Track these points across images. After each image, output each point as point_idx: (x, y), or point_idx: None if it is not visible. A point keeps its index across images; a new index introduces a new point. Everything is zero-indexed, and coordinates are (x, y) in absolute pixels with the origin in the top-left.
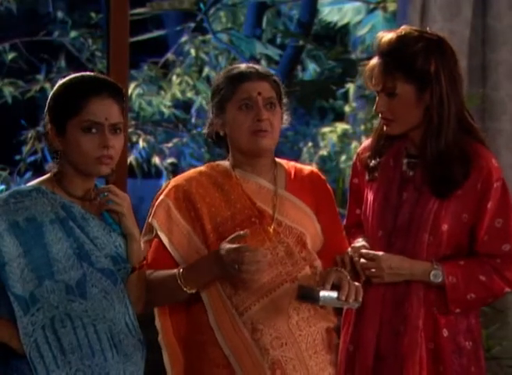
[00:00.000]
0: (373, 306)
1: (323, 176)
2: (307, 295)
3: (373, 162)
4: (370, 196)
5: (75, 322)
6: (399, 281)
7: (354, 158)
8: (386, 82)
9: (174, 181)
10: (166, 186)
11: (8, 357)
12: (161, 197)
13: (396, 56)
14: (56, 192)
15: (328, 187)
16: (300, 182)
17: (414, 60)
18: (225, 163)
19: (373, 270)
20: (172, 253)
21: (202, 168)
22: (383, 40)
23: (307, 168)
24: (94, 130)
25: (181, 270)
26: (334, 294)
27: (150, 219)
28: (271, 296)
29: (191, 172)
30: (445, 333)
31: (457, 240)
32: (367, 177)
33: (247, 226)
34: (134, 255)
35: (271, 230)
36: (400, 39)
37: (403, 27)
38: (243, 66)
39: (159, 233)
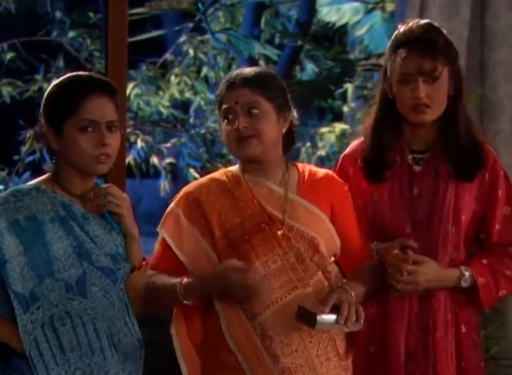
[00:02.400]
0: (399, 304)
1: (340, 179)
2: (304, 318)
3: (376, 164)
4: (381, 198)
5: (74, 320)
6: None
7: (342, 162)
8: (428, 64)
9: (185, 189)
10: (178, 194)
11: (8, 356)
12: (172, 205)
13: (437, 41)
14: (56, 191)
15: (346, 189)
16: (314, 185)
17: (451, 49)
18: (237, 168)
19: (410, 287)
20: (183, 260)
21: (215, 174)
22: (418, 26)
23: (323, 171)
24: (90, 129)
25: (183, 282)
26: (332, 317)
27: (159, 228)
28: (281, 302)
29: (203, 179)
30: (463, 329)
31: (470, 231)
32: (371, 180)
33: (257, 232)
34: (134, 255)
35: (280, 234)
36: (437, 28)
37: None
38: (232, 75)
39: (168, 241)
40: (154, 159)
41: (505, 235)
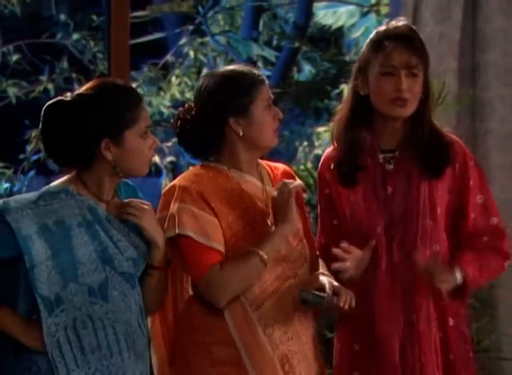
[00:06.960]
0: (385, 303)
1: (292, 173)
2: (312, 300)
3: (348, 166)
4: (356, 199)
5: (96, 323)
6: (405, 273)
7: (320, 168)
8: (413, 59)
9: (181, 186)
10: (173, 190)
11: (28, 351)
12: (177, 205)
13: (418, 39)
14: (82, 193)
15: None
16: (278, 179)
17: (426, 54)
18: (218, 165)
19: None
20: (220, 249)
21: (195, 170)
22: (400, 25)
23: (280, 165)
24: (146, 135)
25: (259, 251)
26: (335, 299)
27: (178, 230)
28: (280, 292)
29: (190, 175)
30: (450, 322)
31: (447, 222)
32: (344, 184)
33: (255, 225)
34: (156, 260)
35: (273, 228)
36: (417, 32)
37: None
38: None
39: (195, 237)
40: (156, 158)
41: (479, 224)
